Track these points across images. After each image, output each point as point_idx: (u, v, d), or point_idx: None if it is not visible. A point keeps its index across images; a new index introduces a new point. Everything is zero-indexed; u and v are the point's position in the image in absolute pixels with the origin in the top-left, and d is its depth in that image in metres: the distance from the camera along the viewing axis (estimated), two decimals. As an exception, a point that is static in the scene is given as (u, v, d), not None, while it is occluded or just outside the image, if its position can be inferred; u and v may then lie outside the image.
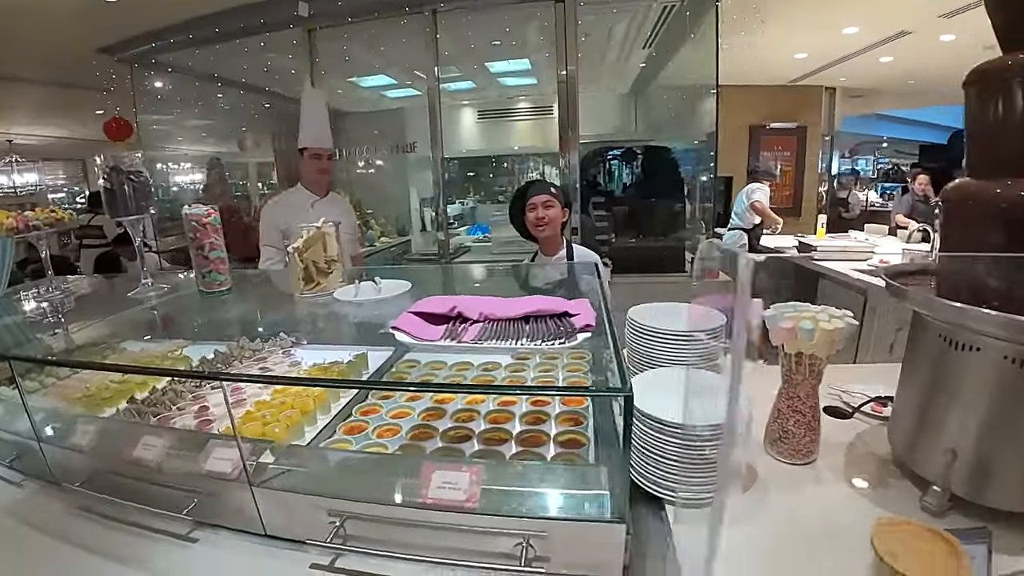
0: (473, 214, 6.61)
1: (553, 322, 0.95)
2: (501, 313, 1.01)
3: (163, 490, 1.08)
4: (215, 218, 1.66)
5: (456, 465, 0.92)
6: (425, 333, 0.96)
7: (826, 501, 1.07)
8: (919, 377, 1.08)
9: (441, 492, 0.88)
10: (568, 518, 0.88)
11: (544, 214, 2.17)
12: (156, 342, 1.73)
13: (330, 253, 1.49)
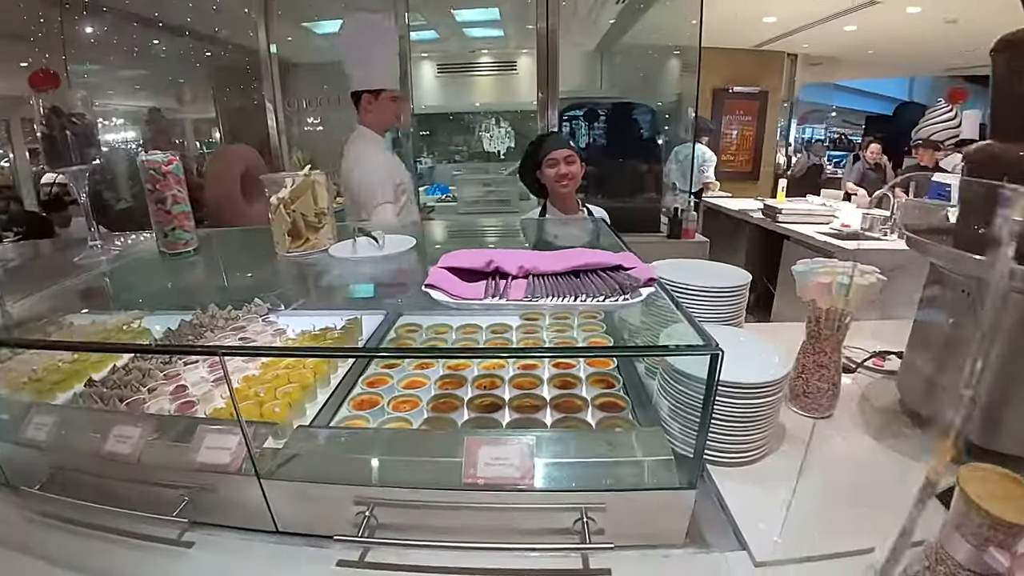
0: (431, 174, 6.35)
1: (608, 276, 0.85)
2: (546, 267, 0.88)
3: (143, 488, 0.91)
4: (177, 166, 1.43)
5: (504, 439, 0.82)
6: (463, 291, 0.83)
7: (855, 453, 1.08)
8: (935, 332, 1.11)
9: (492, 470, 0.78)
10: (634, 488, 0.81)
11: (567, 170, 2.03)
12: (110, 313, 1.51)
13: (320, 205, 1.31)
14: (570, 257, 0.92)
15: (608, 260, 0.89)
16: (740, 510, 0.90)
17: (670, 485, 0.81)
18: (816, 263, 1.22)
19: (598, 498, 0.80)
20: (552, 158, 2.05)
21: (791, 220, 4.17)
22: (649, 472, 0.83)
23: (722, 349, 0.71)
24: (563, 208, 2.14)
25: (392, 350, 1.13)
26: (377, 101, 2.23)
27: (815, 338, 1.23)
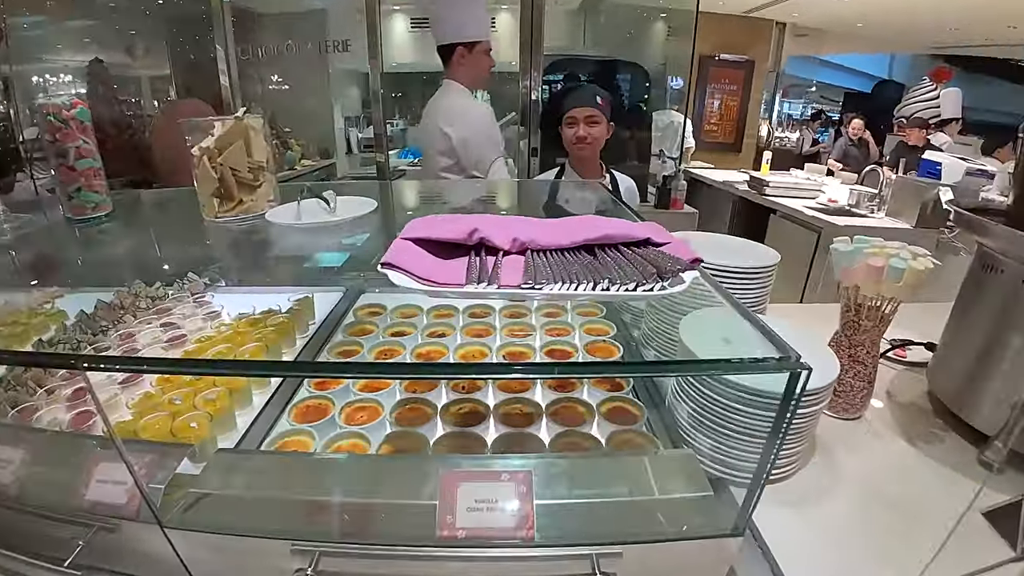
0: (403, 136, 6.01)
1: (636, 255, 0.63)
2: (547, 240, 0.65)
3: (31, 526, 0.68)
4: (82, 111, 1.15)
5: (491, 472, 0.61)
6: (436, 273, 0.59)
7: (891, 463, 0.96)
8: (982, 325, 0.99)
9: (476, 517, 0.57)
10: (665, 538, 0.60)
11: (586, 132, 1.77)
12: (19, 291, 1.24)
13: (257, 157, 1.04)
14: (580, 227, 0.68)
15: (632, 232, 0.66)
16: (777, 543, 0.74)
17: (712, 532, 0.62)
18: (861, 241, 1.04)
19: (615, 547, 0.60)
20: (571, 116, 1.79)
21: (778, 194, 4.03)
22: (683, 513, 0.63)
23: (808, 365, 0.50)
24: (581, 171, 1.88)
25: (327, 365, 0.86)
26: (471, 54, 2.03)
27: (852, 329, 1.07)
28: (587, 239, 0.66)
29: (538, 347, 1.01)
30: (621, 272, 0.57)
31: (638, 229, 0.67)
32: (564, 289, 0.55)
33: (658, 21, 4.43)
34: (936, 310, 1.06)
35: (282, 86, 4.59)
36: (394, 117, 6.14)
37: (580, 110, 1.78)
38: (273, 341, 1.01)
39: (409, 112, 6.20)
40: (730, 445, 0.79)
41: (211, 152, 1.01)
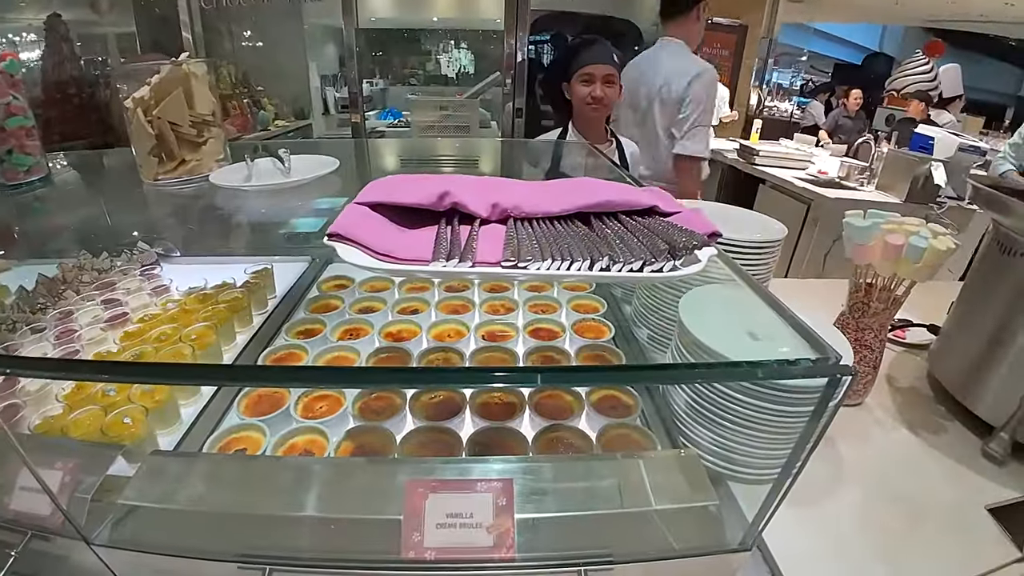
0: (383, 96, 5.76)
1: (642, 226, 0.52)
2: (533, 207, 0.55)
3: None
4: (12, 63, 1.01)
5: (465, 481, 0.51)
6: (398, 247, 0.47)
7: (895, 454, 0.92)
8: (994, 309, 0.93)
9: (447, 535, 0.48)
10: (667, 556, 0.53)
11: (603, 93, 1.60)
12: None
13: (200, 110, 0.90)
14: (573, 192, 0.57)
15: (636, 199, 0.55)
16: (780, 547, 0.69)
17: (719, 547, 0.54)
18: (877, 216, 0.95)
19: (606, 564, 0.53)
20: (587, 73, 1.60)
21: (768, 163, 3.95)
22: (688, 526, 0.55)
23: (852, 369, 0.42)
24: (588, 135, 1.70)
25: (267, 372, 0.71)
26: (702, 13, 1.99)
27: (861, 312, 1.00)
28: (581, 205, 0.55)
29: (521, 326, 0.91)
30: (625, 248, 0.47)
31: (642, 195, 0.57)
32: (554, 269, 0.45)
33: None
34: (931, 288, 0.99)
35: (254, 42, 4.32)
36: (373, 76, 5.87)
37: (598, 67, 1.60)
38: (225, 319, 0.90)
39: (390, 71, 5.92)
40: (734, 439, 0.70)
41: (146, 104, 0.87)
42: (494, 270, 0.45)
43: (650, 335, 0.97)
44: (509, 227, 0.52)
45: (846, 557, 0.69)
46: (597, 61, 1.61)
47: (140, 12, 4.18)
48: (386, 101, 5.71)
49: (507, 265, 0.44)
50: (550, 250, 0.47)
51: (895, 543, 0.72)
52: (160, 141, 0.89)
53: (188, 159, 0.92)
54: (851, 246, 0.95)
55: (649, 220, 0.54)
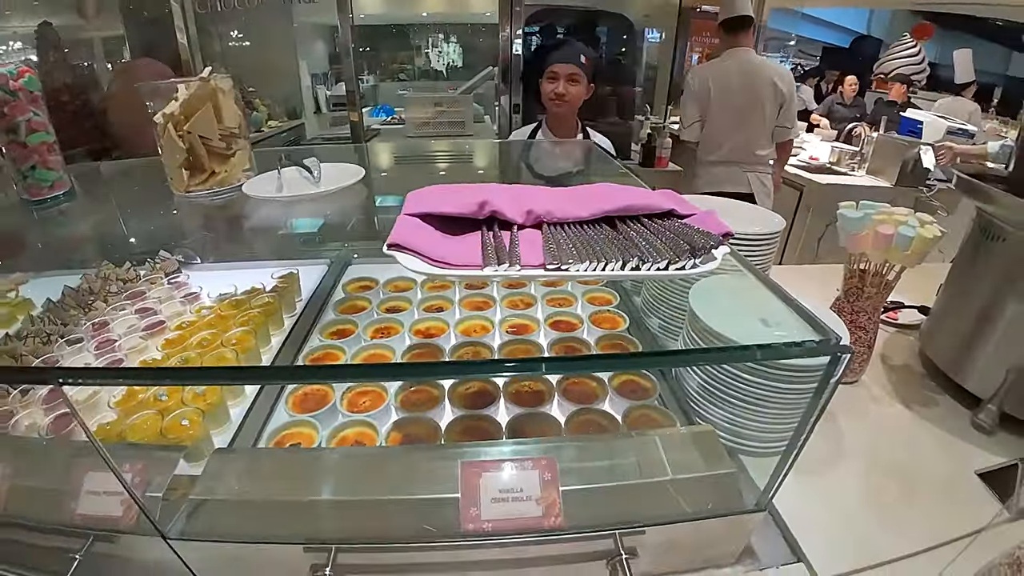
0: (375, 93, 5.75)
1: (662, 228, 0.58)
2: (564, 212, 0.60)
3: (20, 543, 0.64)
4: (31, 79, 1.04)
5: (514, 459, 0.57)
6: (449, 253, 0.53)
7: (890, 426, 0.98)
8: (980, 290, 1.00)
9: (501, 508, 0.54)
10: (691, 517, 0.59)
11: (565, 90, 1.74)
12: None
13: (228, 123, 0.94)
14: (597, 197, 0.63)
15: (655, 203, 0.61)
16: (788, 512, 0.75)
17: (736, 509, 0.61)
18: (869, 207, 1.02)
19: (639, 529, 0.59)
20: (553, 71, 1.76)
21: (760, 152, 4.00)
22: (710, 492, 0.62)
23: (850, 348, 0.48)
24: (557, 130, 1.87)
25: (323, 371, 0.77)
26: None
27: (855, 295, 1.07)
28: (606, 210, 0.61)
29: (542, 319, 0.97)
30: (651, 249, 0.53)
31: (659, 199, 0.62)
32: (592, 269, 0.51)
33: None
34: (921, 271, 1.06)
35: (243, 42, 4.30)
36: (363, 73, 5.86)
37: (563, 66, 1.76)
38: (260, 323, 0.95)
39: (379, 67, 5.91)
40: (743, 416, 0.77)
41: (176, 119, 0.91)
42: (539, 272, 0.51)
43: (661, 324, 1.03)
44: (544, 232, 0.58)
45: (849, 520, 0.76)
46: (562, 61, 1.77)
47: (129, 16, 4.16)
48: (377, 98, 5.70)
49: (551, 268, 0.50)
50: (585, 252, 0.53)
51: (894, 506, 0.79)
52: (191, 154, 0.93)
53: (218, 171, 0.96)
54: (845, 236, 1.02)
55: (668, 222, 0.60)
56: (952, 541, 0.72)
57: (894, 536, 0.73)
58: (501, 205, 0.59)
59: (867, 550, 0.71)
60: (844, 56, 8.39)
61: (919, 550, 0.71)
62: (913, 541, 0.71)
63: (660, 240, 0.55)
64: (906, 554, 0.70)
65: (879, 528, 0.75)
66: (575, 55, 1.77)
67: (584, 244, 0.55)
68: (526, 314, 0.99)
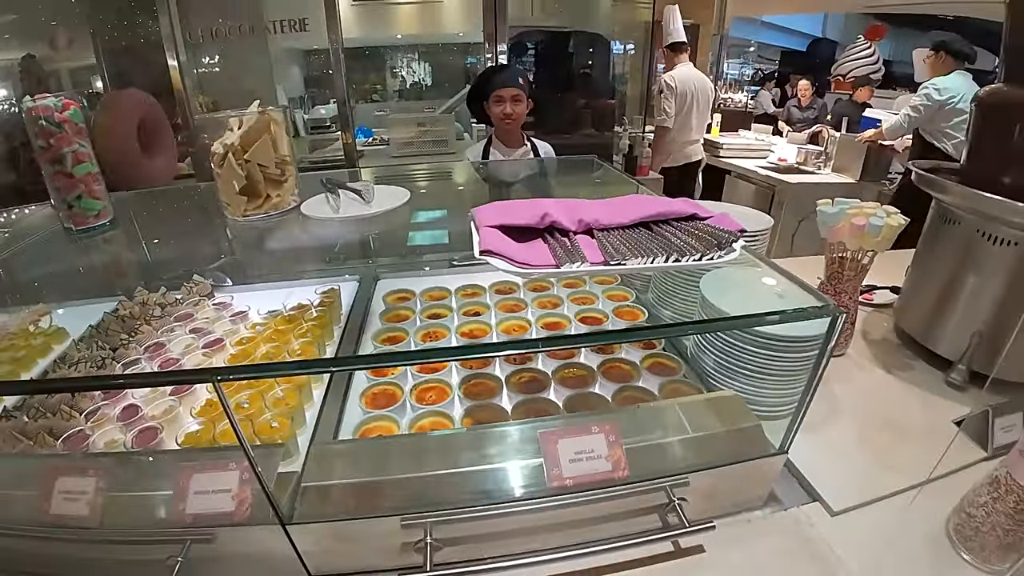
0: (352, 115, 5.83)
1: (692, 229, 0.71)
2: (608, 220, 0.74)
3: (117, 554, 0.70)
4: (75, 112, 1.10)
5: (582, 425, 0.69)
6: (526, 256, 0.65)
7: (876, 387, 1.13)
8: (943, 268, 1.15)
9: (579, 466, 0.65)
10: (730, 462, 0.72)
11: (512, 110, 1.97)
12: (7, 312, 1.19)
13: (282, 152, 1.05)
14: (632, 207, 0.76)
15: (680, 209, 0.74)
16: (800, 462, 0.89)
17: (763, 453, 0.74)
18: (842, 203, 1.17)
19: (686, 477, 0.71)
20: (499, 95, 1.98)
21: (731, 155, 4.24)
22: (739, 442, 0.75)
23: (842, 310, 0.62)
24: (507, 142, 2.11)
25: (417, 353, 0.89)
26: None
27: (836, 279, 1.21)
28: (642, 216, 0.74)
29: (572, 316, 1.09)
30: (687, 245, 0.66)
31: (683, 206, 0.76)
32: (644, 263, 0.63)
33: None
34: (888, 257, 1.22)
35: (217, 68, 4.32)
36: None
37: (507, 90, 1.96)
38: (318, 335, 1.04)
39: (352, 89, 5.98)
40: (753, 384, 0.89)
41: (235, 149, 1.01)
42: (602, 268, 0.63)
43: (671, 315, 1.17)
44: (598, 236, 0.70)
45: (851, 464, 0.90)
46: (504, 84, 1.97)
47: (103, 45, 4.16)
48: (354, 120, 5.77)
49: (613, 263, 0.62)
50: (636, 250, 0.65)
51: (887, 450, 0.93)
52: (249, 182, 1.03)
53: (272, 196, 1.06)
54: (825, 228, 1.17)
55: (694, 223, 0.73)
56: (942, 477, 0.85)
57: (891, 474, 0.86)
58: (558, 216, 0.72)
59: (869, 487, 0.84)
60: (801, 59, 8.84)
61: (914, 484, 0.84)
62: (908, 477, 0.84)
63: (692, 238, 0.68)
64: (903, 488, 0.83)
65: (877, 468, 0.89)
66: (515, 78, 1.99)
67: (632, 243, 0.67)
68: (557, 312, 1.11)
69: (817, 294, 0.71)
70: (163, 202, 1.55)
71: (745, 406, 0.79)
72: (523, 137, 2.12)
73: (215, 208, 1.13)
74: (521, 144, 2.11)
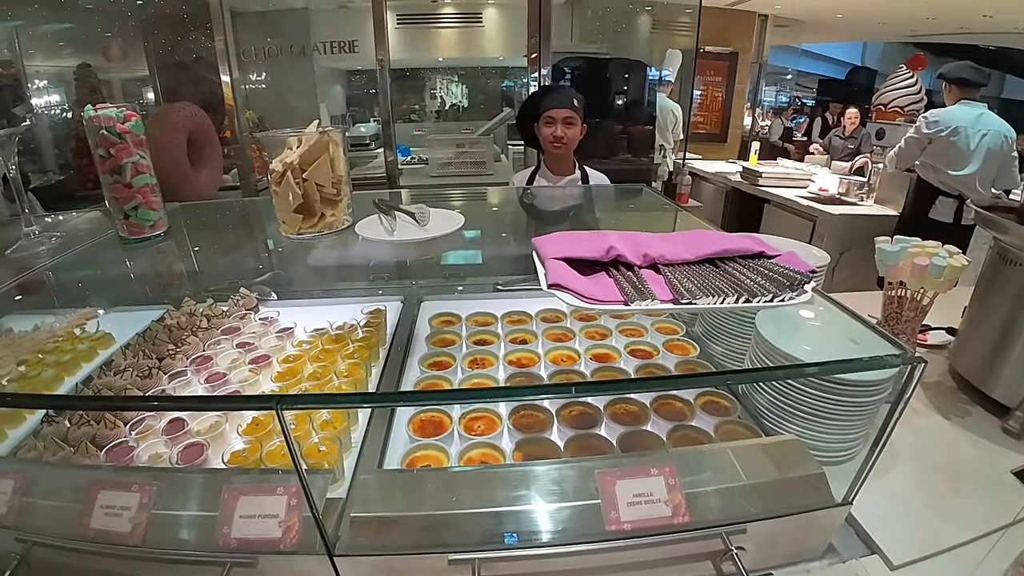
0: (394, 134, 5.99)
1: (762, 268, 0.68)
2: (673, 255, 0.71)
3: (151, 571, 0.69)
4: (137, 123, 1.12)
5: (641, 467, 0.66)
6: (595, 290, 0.62)
7: (933, 434, 1.08)
8: (1001, 310, 1.11)
9: (637, 510, 0.63)
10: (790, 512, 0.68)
11: (563, 133, 1.84)
12: (55, 313, 1.21)
13: (339, 172, 1.06)
14: (698, 242, 0.74)
15: (747, 246, 0.72)
16: (857, 510, 0.82)
17: (826, 504, 0.70)
18: (903, 242, 1.13)
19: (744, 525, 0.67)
20: (550, 116, 1.85)
21: (771, 184, 4.16)
22: (802, 491, 0.71)
23: (923, 359, 0.59)
24: (557, 169, 1.98)
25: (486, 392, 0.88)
26: None
27: (894, 320, 1.16)
28: (709, 253, 0.72)
29: (622, 348, 1.07)
30: (758, 286, 0.63)
31: (749, 243, 0.73)
32: (714, 303, 0.61)
33: (644, 15, 4.52)
34: (943, 296, 1.17)
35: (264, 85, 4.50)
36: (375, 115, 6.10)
37: (558, 111, 1.84)
38: (365, 356, 1.04)
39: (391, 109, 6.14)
40: (811, 428, 0.85)
41: (295, 168, 1.03)
42: (671, 306, 0.61)
43: (723, 351, 1.13)
44: (663, 271, 0.68)
45: (909, 514, 0.86)
46: (557, 105, 1.85)
47: (156, 58, 4.36)
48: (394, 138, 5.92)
49: (684, 302, 0.60)
50: (705, 288, 0.63)
51: (943, 501, 0.89)
52: (306, 201, 1.04)
53: (327, 215, 1.07)
54: (884, 268, 1.12)
55: (763, 261, 0.71)
56: (1001, 528, 0.81)
57: (949, 525, 0.82)
58: (623, 250, 0.70)
59: (927, 539, 0.80)
60: (840, 88, 8.73)
61: (974, 536, 0.80)
62: (966, 528, 0.81)
63: (762, 277, 0.65)
64: (963, 541, 0.79)
65: (935, 518, 0.84)
66: (568, 99, 1.87)
67: (700, 281, 0.65)
68: (606, 343, 1.08)
69: (890, 339, 0.67)
70: (212, 215, 1.59)
71: (807, 452, 0.75)
72: (574, 165, 1.98)
73: (263, 223, 1.14)
74: (571, 172, 1.96)
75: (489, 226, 1.43)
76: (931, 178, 3.04)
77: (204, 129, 2.66)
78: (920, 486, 0.92)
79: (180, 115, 2.62)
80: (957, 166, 2.93)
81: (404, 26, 5.36)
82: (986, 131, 2.88)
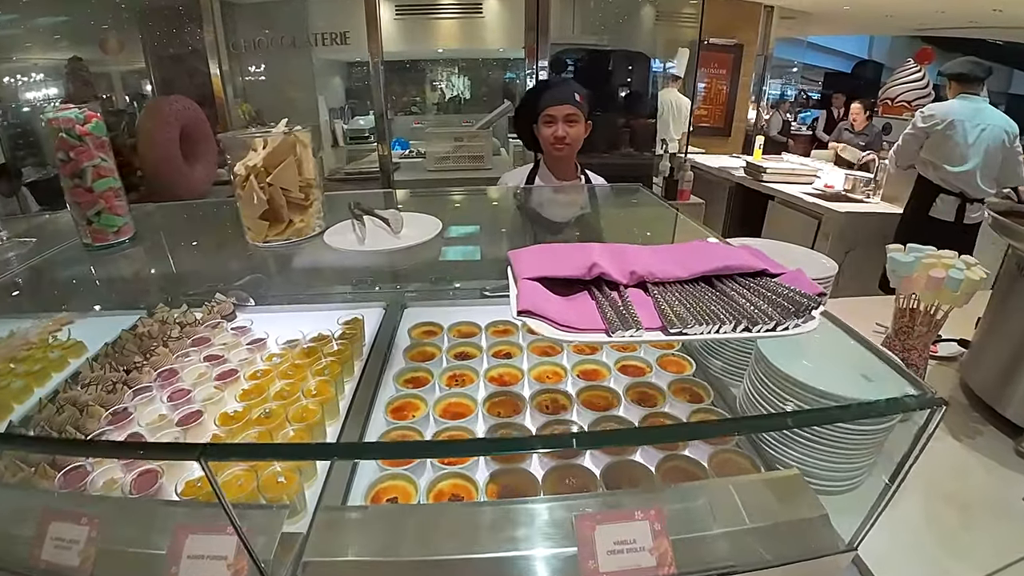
0: (389, 127, 5.92)
1: (763, 290, 0.61)
2: (664, 272, 0.63)
3: None
4: (98, 124, 1.05)
5: (622, 512, 0.59)
6: (572, 318, 0.55)
7: (944, 458, 1.02)
8: (1017, 324, 1.05)
9: (618, 560, 0.56)
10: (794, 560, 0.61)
11: (565, 132, 1.63)
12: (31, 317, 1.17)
13: (307, 175, 0.99)
14: (694, 257, 0.66)
15: (748, 263, 0.64)
16: (865, 549, 0.74)
17: (831, 550, 0.63)
18: (916, 251, 1.06)
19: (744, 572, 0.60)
20: (549, 114, 1.64)
21: (775, 179, 4.07)
22: (804, 535, 0.64)
23: (946, 400, 0.52)
24: (557, 173, 1.76)
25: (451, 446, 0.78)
26: None
27: (905, 334, 1.09)
28: (705, 271, 0.64)
29: (612, 364, 0.99)
30: (759, 312, 0.56)
31: (750, 259, 0.66)
32: (709, 332, 0.54)
33: (647, 5, 4.42)
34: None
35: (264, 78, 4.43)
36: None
37: (559, 108, 1.63)
38: (336, 373, 0.97)
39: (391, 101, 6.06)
40: (815, 457, 0.80)
41: (258, 171, 0.95)
42: (660, 336, 0.54)
43: (723, 366, 1.06)
44: (652, 293, 0.61)
45: (918, 550, 0.80)
46: (556, 102, 1.63)
47: (152, 50, 4.29)
48: (393, 131, 5.84)
49: (673, 332, 0.53)
50: (698, 315, 0.56)
51: (952, 534, 0.83)
52: (271, 207, 0.97)
53: (295, 221, 1.00)
54: (896, 279, 1.05)
55: (764, 281, 0.63)
56: (1012, 564, 0.76)
57: (959, 563, 0.77)
58: (608, 267, 0.63)
59: None
60: (846, 81, 8.57)
61: (986, 574, 0.74)
62: (976, 566, 0.76)
63: (764, 301, 0.58)
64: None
65: (944, 555, 0.79)
66: (570, 94, 1.64)
67: (694, 305, 0.58)
68: (595, 359, 1.01)
69: (908, 375, 0.60)
70: (190, 217, 1.52)
71: (810, 491, 0.68)
72: (577, 168, 1.77)
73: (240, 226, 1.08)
74: (573, 177, 1.75)
75: (478, 229, 1.36)
76: (931, 175, 2.94)
77: (198, 123, 2.59)
78: (927, 515, 0.86)
79: (172, 108, 2.54)
80: (955, 162, 2.82)
81: (403, 17, 5.25)
82: (985, 125, 2.77)
